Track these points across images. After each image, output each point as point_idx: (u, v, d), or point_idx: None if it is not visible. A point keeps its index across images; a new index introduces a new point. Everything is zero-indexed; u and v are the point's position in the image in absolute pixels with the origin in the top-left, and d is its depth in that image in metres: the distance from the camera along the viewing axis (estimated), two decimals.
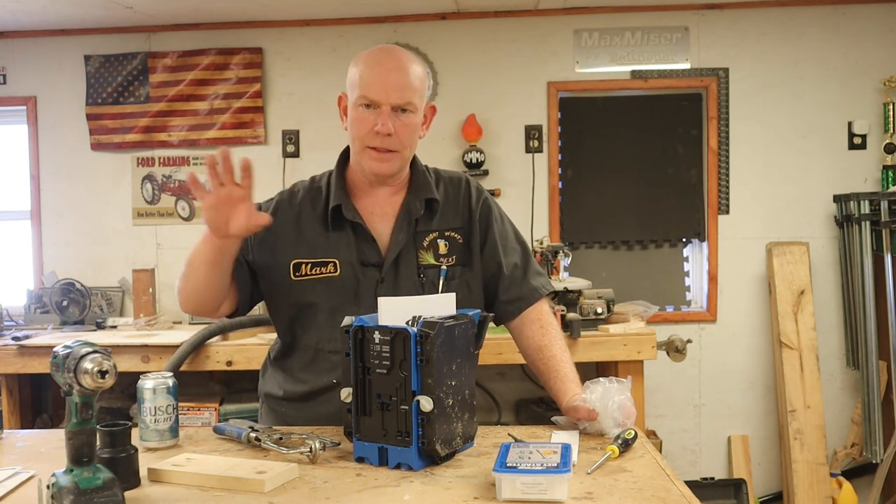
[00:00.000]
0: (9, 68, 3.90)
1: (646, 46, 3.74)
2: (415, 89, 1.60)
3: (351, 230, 1.67)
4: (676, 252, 3.87)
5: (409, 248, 1.66)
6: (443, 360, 1.30)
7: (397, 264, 1.65)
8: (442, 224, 1.69)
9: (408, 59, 1.62)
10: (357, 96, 1.60)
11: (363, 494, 1.20)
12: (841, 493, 3.48)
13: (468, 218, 1.71)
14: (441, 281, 1.65)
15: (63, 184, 3.91)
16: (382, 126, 1.57)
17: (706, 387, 3.79)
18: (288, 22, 3.79)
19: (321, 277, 1.65)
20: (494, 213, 1.74)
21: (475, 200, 1.73)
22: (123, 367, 2.70)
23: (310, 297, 1.65)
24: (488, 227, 1.72)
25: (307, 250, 1.67)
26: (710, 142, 3.74)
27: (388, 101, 1.58)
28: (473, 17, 3.77)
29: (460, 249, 1.69)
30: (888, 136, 3.67)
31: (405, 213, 1.68)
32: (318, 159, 3.81)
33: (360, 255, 1.65)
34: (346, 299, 1.63)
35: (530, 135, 3.74)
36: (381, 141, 1.59)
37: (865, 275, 3.48)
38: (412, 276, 1.65)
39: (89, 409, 1.12)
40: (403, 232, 1.67)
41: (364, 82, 1.59)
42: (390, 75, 1.58)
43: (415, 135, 1.64)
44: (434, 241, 1.67)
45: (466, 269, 1.69)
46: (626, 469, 1.30)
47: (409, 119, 1.61)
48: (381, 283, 1.64)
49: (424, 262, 1.66)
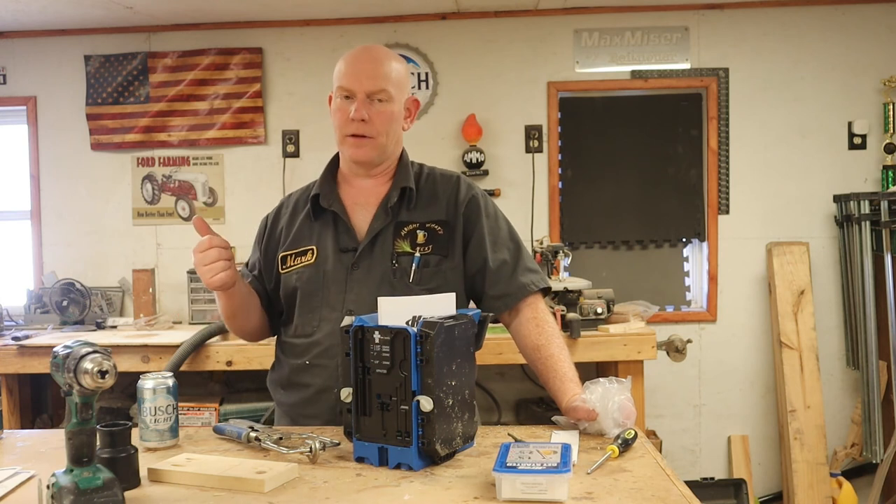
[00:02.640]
0: (9, 68, 3.90)
1: (646, 46, 3.75)
2: (389, 79, 1.67)
3: (332, 219, 1.75)
4: (676, 252, 3.87)
5: (386, 236, 1.71)
6: (443, 360, 1.30)
7: (372, 250, 1.70)
8: (424, 217, 1.73)
9: (384, 54, 1.71)
10: (335, 88, 1.70)
11: (363, 494, 1.20)
12: (841, 493, 3.48)
13: (454, 212, 1.74)
14: (413, 268, 1.68)
15: (63, 184, 3.91)
16: (356, 112, 1.65)
17: (706, 387, 3.79)
18: (288, 22, 3.79)
19: (300, 266, 1.74)
20: (484, 210, 1.76)
21: (463, 195, 1.76)
22: (123, 367, 2.71)
23: (291, 285, 1.74)
24: (475, 222, 1.74)
25: (292, 242, 1.77)
26: (710, 142, 3.74)
27: (362, 89, 1.65)
28: (473, 17, 3.77)
29: (439, 241, 1.71)
30: (888, 136, 3.67)
31: (384, 203, 1.74)
32: (318, 159, 3.77)
33: (337, 242, 1.72)
34: (317, 284, 1.71)
35: (530, 135, 3.74)
36: (356, 127, 1.67)
37: (865, 275, 3.48)
38: (385, 262, 1.69)
39: (89, 409, 1.12)
40: (380, 220, 1.72)
41: (340, 74, 1.69)
42: (364, 66, 1.67)
43: (391, 123, 1.70)
44: (413, 231, 1.71)
45: (444, 259, 1.70)
46: (626, 469, 1.30)
47: (383, 107, 1.67)
48: (353, 268, 1.70)
49: (400, 249, 1.70)
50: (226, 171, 3.87)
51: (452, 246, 1.72)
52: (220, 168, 3.87)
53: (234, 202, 3.87)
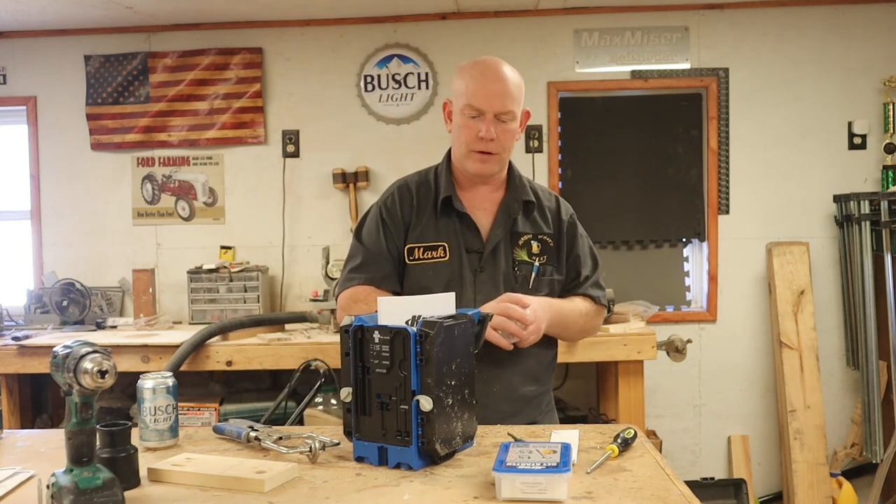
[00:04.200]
0: (9, 68, 3.90)
1: (646, 46, 3.75)
2: (514, 98, 1.78)
3: (457, 219, 1.84)
4: (676, 252, 3.87)
5: (506, 243, 1.83)
6: (442, 360, 1.30)
7: (494, 255, 1.82)
8: (535, 228, 1.87)
9: (509, 73, 1.79)
10: (463, 105, 1.78)
11: (363, 494, 1.20)
12: (841, 493, 3.48)
13: (558, 227, 1.89)
14: (533, 276, 1.82)
15: (63, 184, 3.91)
16: (486, 132, 1.75)
17: (706, 387, 3.79)
18: (288, 22, 3.79)
19: (433, 262, 1.81)
20: (579, 229, 1.94)
21: (564, 214, 1.92)
22: (123, 367, 2.71)
23: (423, 279, 1.79)
24: (573, 243, 1.91)
25: (419, 236, 1.84)
26: (710, 142, 3.74)
27: (492, 110, 1.75)
28: (473, 17, 3.77)
29: (551, 252, 1.87)
30: (888, 136, 3.67)
31: (504, 210, 1.85)
32: (318, 159, 3.82)
33: (464, 242, 1.82)
34: (454, 281, 1.78)
35: (530, 135, 3.74)
36: (484, 145, 1.77)
37: (865, 275, 3.48)
38: (508, 268, 1.82)
39: (89, 409, 1.12)
40: (501, 227, 1.83)
41: (470, 92, 1.77)
42: (494, 86, 1.76)
43: (513, 139, 1.82)
44: (528, 242, 1.85)
45: (555, 269, 1.86)
46: (626, 469, 1.30)
47: (508, 126, 1.78)
48: (480, 271, 1.80)
49: (519, 258, 1.83)
50: (226, 171, 3.87)
51: (559, 258, 1.88)
52: (220, 168, 3.87)
53: (234, 202, 3.87)
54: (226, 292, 3.58)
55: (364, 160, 3.77)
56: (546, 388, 1.90)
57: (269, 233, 3.84)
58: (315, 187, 3.82)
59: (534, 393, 1.83)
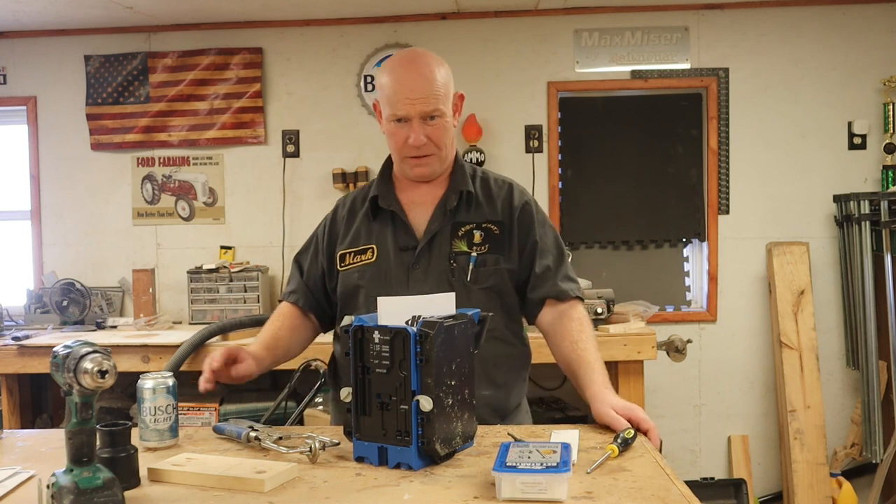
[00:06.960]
0: (9, 68, 3.91)
1: (646, 46, 3.74)
2: (439, 95, 1.69)
3: (391, 219, 1.78)
4: (676, 252, 3.86)
5: (444, 236, 1.75)
6: (442, 360, 1.30)
7: (430, 250, 1.74)
8: (480, 217, 1.77)
9: (430, 67, 1.71)
10: (388, 113, 1.71)
11: (363, 494, 1.20)
12: (841, 493, 3.48)
13: (508, 216, 1.78)
14: (471, 267, 1.72)
15: (63, 184, 3.91)
16: (415, 139, 1.69)
17: (706, 387, 3.79)
18: (288, 22, 3.79)
19: (360, 265, 1.77)
20: (536, 216, 1.81)
21: (517, 201, 1.80)
22: (123, 367, 2.71)
23: (353, 282, 1.77)
24: (529, 229, 1.79)
25: (351, 241, 1.81)
26: (710, 142, 3.74)
27: (416, 114, 1.68)
28: (473, 17, 3.77)
29: (495, 240, 1.76)
30: (888, 136, 3.67)
31: (441, 204, 1.77)
32: (318, 159, 3.82)
33: (397, 241, 1.76)
34: (379, 283, 1.73)
35: (530, 135, 3.74)
36: (416, 150, 1.71)
37: (865, 275, 3.48)
38: (443, 262, 1.73)
39: (89, 409, 1.11)
40: (438, 221, 1.76)
41: (391, 100, 1.69)
42: (414, 89, 1.67)
43: (447, 134, 1.74)
44: (470, 232, 1.75)
45: (501, 258, 1.75)
46: (626, 468, 1.30)
47: (439, 123, 1.71)
48: (413, 267, 1.73)
49: (457, 249, 1.74)
50: (226, 171, 3.87)
51: (509, 247, 1.76)
52: (220, 168, 3.87)
53: (234, 202, 3.87)
54: (226, 292, 3.58)
55: (364, 160, 3.77)
56: (505, 392, 1.76)
57: (268, 233, 3.84)
58: (315, 187, 3.82)
59: (489, 398, 1.69)
